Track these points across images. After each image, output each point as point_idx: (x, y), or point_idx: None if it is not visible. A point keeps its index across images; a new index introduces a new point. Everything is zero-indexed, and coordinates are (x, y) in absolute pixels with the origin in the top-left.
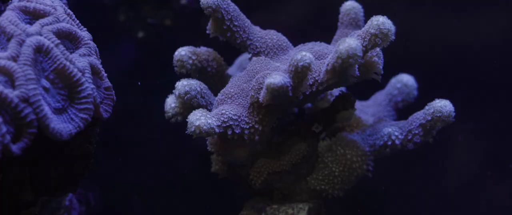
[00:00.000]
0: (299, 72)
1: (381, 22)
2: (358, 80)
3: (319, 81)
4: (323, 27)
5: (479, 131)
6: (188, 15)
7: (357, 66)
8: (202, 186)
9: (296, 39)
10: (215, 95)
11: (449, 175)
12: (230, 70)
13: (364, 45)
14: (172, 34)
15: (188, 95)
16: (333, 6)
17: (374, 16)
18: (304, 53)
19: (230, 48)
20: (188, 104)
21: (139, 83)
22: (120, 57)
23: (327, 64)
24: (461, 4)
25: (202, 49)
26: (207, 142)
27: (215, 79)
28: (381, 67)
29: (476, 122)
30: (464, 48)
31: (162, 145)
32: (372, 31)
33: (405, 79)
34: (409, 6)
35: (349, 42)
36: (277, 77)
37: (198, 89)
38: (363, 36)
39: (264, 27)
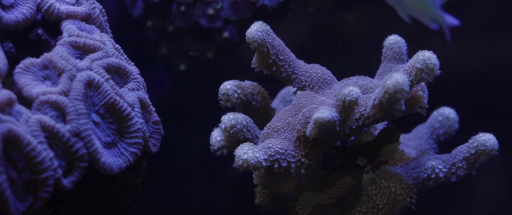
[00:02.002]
0: (347, 107)
1: (427, 57)
2: (403, 114)
3: (365, 115)
4: (323, 46)
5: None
6: (230, 48)
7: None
8: None
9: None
10: (260, 128)
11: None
12: (273, 103)
13: (410, 80)
14: (214, 67)
15: (234, 129)
16: (333, 25)
17: (419, 51)
18: (351, 88)
19: (270, 80)
20: (234, 138)
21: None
22: (162, 90)
23: (374, 99)
24: (499, 35)
25: (247, 83)
26: (253, 175)
27: (259, 113)
28: (426, 101)
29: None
30: (504, 78)
31: (200, 176)
32: (418, 66)
33: (447, 112)
34: (444, 38)
35: (396, 77)
36: (325, 112)
37: (244, 123)
38: (409, 71)
39: None
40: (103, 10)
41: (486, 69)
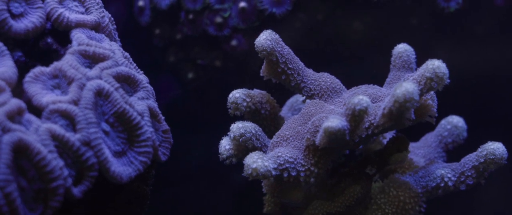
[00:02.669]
0: (356, 116)
1: (436, 66)
2: (412, 123)
3: (375, 124)
4: (331, 54)
5: None
6: (238, 56)
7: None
8: None
9: None
10: (269, 137)
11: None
12: (281, 112)
13: (419, 88)
14: (222, 75)
15: (243, 138)
16: (341, 34)
17: (429, 60)
18: (361, 97)
19: (278, 89)
20: (243, 146)
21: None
22: (169, 98)
23: (384, 108)
24: (506, 42)
25: (256, 92)
26: (262, 184)
27: (268, 121)
28: (435, 110)
29: None
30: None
31: (206, 183)
32: (428, 75)
33: (455, 121)
34: (451, 46)
35: (406, 86)
36: (335, 121)
37: (253, 131)
38: (418, 80)
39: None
40: (112, 18)
41: (493, 77)
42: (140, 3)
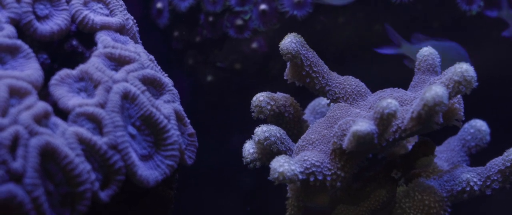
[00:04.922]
0: (385, 120)
1: (464, 69)
2: (440, 127)
3: (402, 128)
4: (352, 57)
5: None
6: (258, 59)
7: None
8: None
9: None
10: (292, 140)
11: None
12: (304, 115)
13: (448, 92)
14: (241, 78)
15: (267, 141)
16: (362, 37)
17: (457, 63)
18: (390, 100)
19: (298, 92)
20: (268, 150)
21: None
22: (189, 100)
23: (412, 112)
24: None
25: (279, 95)
26: (287, 188)
27: (291, 125)
28: (462, 113)
29: None
30: None
31: (213, 186)
32: (456, 78)
33: (479, 125)
34: (472, 48)
35: (436, 90)
36: (364, 124)
37: (278, 135)
38: (446, 83)
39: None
40: (135, 21)
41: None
42: (159, 5)
